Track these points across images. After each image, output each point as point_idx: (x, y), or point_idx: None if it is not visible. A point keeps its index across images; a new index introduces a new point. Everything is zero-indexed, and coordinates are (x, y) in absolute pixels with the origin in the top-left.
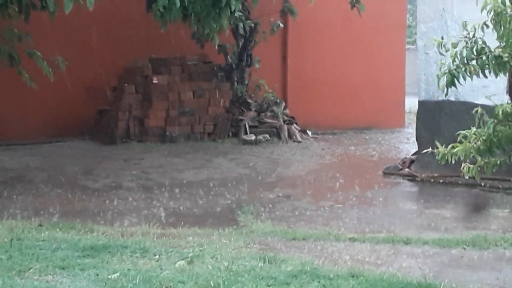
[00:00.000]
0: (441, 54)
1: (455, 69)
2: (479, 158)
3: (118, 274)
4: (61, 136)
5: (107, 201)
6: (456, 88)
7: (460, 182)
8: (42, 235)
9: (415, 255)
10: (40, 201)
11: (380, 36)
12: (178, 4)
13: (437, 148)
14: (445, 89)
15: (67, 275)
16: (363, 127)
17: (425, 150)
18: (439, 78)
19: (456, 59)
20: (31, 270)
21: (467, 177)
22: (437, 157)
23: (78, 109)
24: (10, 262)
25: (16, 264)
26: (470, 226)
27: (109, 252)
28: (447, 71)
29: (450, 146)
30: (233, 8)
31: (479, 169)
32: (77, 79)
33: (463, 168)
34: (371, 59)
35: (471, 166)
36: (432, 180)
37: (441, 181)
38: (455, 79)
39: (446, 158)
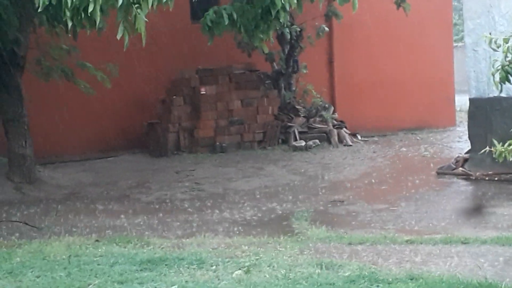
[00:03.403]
0: (493, 50)
1: (508, 65)
2: None
3: (176, 286)
4: (112, 150)
5: (162, 214)
6: (511, 83)
7: None
8: (99, 250)
9: (474, 254)
10: (95, 217)
11: (426, 35)
12: (227, 21)
13: (494, 146)
14: (499, 86)
15: None
16: (413, 128)
17: (483, 150)
18: (493, 75)
19: (508, 55)
20: (90, 286)
21: None
22: (494, 155)
23: (128, 123)
24: (69, 279)
25: (75, 280)
26: None
27: (166, 264)
28: (500, 67)
29: (506, 143)
30: (281, 19)
31: None
32: (125, 93)
33: None
34: (419, 59)
35: None
36: (487, 178)
37: (496, 178)
38: (509, 75)
39: (503, 155)
